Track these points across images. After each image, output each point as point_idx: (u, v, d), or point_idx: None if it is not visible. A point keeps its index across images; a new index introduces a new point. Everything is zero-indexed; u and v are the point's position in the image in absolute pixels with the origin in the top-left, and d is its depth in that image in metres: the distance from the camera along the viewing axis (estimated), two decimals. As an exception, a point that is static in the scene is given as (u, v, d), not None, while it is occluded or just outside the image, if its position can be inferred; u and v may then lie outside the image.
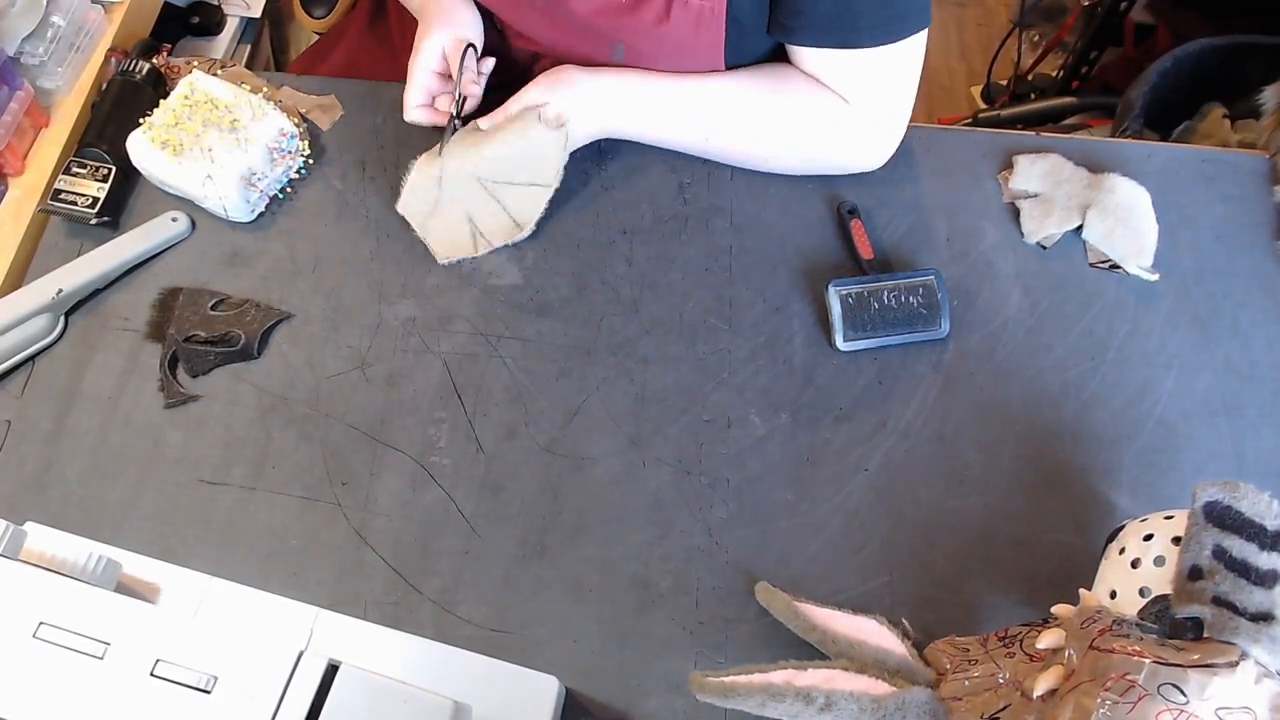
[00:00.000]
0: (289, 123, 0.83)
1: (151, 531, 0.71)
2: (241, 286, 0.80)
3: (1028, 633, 0.55)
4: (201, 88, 0.82)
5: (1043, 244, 0.83)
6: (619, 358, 0.77)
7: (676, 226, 0.83)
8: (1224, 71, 1.29)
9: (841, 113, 0.78)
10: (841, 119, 0.78)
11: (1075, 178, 0.84)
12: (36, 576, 0.54)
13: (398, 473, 0.73)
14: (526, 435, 0.74)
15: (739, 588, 0.69)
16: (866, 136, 0.80)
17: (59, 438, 0.74)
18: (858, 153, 0.82)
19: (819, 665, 0.58)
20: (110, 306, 0.80)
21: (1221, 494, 0.50)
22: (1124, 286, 0.81)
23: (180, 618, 0.52)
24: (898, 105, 0.78)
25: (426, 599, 0.68)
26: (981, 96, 1.86)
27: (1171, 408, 0.76)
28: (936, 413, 0.75)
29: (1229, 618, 0.45)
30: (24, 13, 0.83)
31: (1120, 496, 0.72)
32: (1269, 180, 0.86)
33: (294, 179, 0.85)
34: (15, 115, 0.82)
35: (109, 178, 0.81)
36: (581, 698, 0.65)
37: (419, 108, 0.80)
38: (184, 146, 0.79)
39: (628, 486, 0.72)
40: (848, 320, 0.76)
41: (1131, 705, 0.43)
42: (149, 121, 0.81)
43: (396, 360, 0.77)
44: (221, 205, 0.80)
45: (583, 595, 0.69)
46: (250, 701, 0.50)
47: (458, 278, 0.81)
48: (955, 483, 0.73)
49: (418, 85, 0.79)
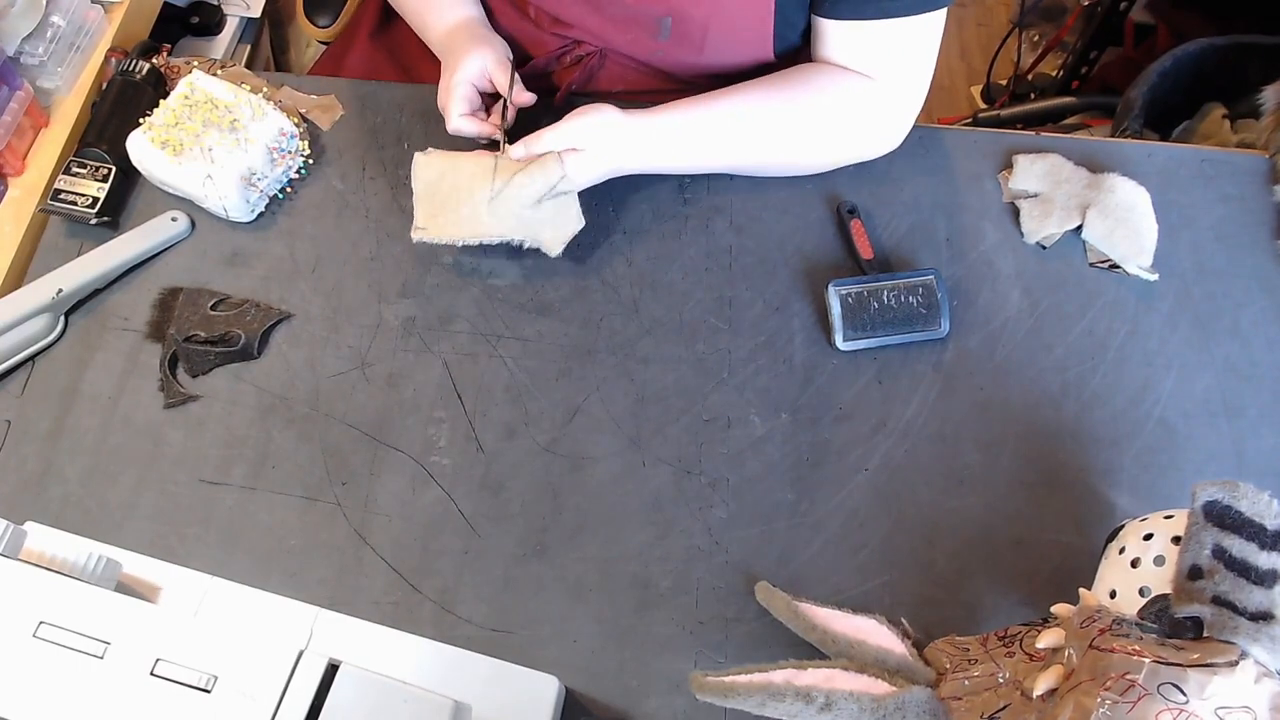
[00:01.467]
0: (289, 123, 0.83)
1: (151, 531, 0.71)
2: (241, 286, 0.80)
3: (1028, 632, 0.55)
4: (201, 88, 0.82)
5: (1043, 244, 0.83)
6: (619, 358, 0.77)
7: (676, 226, 0.83)
8: (1224, 71, 1.29)
9: (866, 92, 0.78)
10: (866, 99, 0.79)
11: (1075, 178, 0.84)
12: (36, 576, 0.54)
13: (398, 473, 0.73)
14: (526, 435, 0.74)
15: (739, 588, 0.69)
16: (891, 113, 0.80)
17: (59, 438, 0.74)
18: (883, 132, 0.82)
19: (819, 665, 0.58)
20: (110, 306, 0.80)
21: (1221, 494, 0.50)
22: (1124, 286, 0.81)
23: (180, 617, 0.52)
24: (922, 79, 0.79)
25: (426, 599, 0.68)
26: (981, 96, 1.86)
27: (1171, 408, 0.76)
28: (936, 413, 0.75)
29: (1229, 617, 0.45)
30: (24, 13, 0.83)
31: (1120, 496, 0.72)
32: (1269, 180, 0.86)
33: (294, 179, 0.85)
34: (15, 115, 0.82)
35: (109, 178, 0.81)
36: (581, 698, 0.65)
37: (464, 117, 0.79)
38: (184, 146, 0.79)
39: (628, 486, 0.72)
40: (848, 320, 0.76)
41: (1131, 705, 0.43)
42: (149, 121, 0.81)
43: (396, 360, 0.77)
44: (221, 205, 0.80)
45: (583, 595, 0.69)
46: (250, 701, 0.50)
47: (458, 277, 0.81)
48: (955, 483, 0.73)
49: (460, 96, 0.79)
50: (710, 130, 0.79)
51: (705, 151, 0.80)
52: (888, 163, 0.84)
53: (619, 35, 0.83)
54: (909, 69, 0.78)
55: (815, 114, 0.79)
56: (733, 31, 0.80)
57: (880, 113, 0.80)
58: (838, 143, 0.82)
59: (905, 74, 0.78)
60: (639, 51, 0.84)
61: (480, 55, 0.80)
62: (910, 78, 0.78)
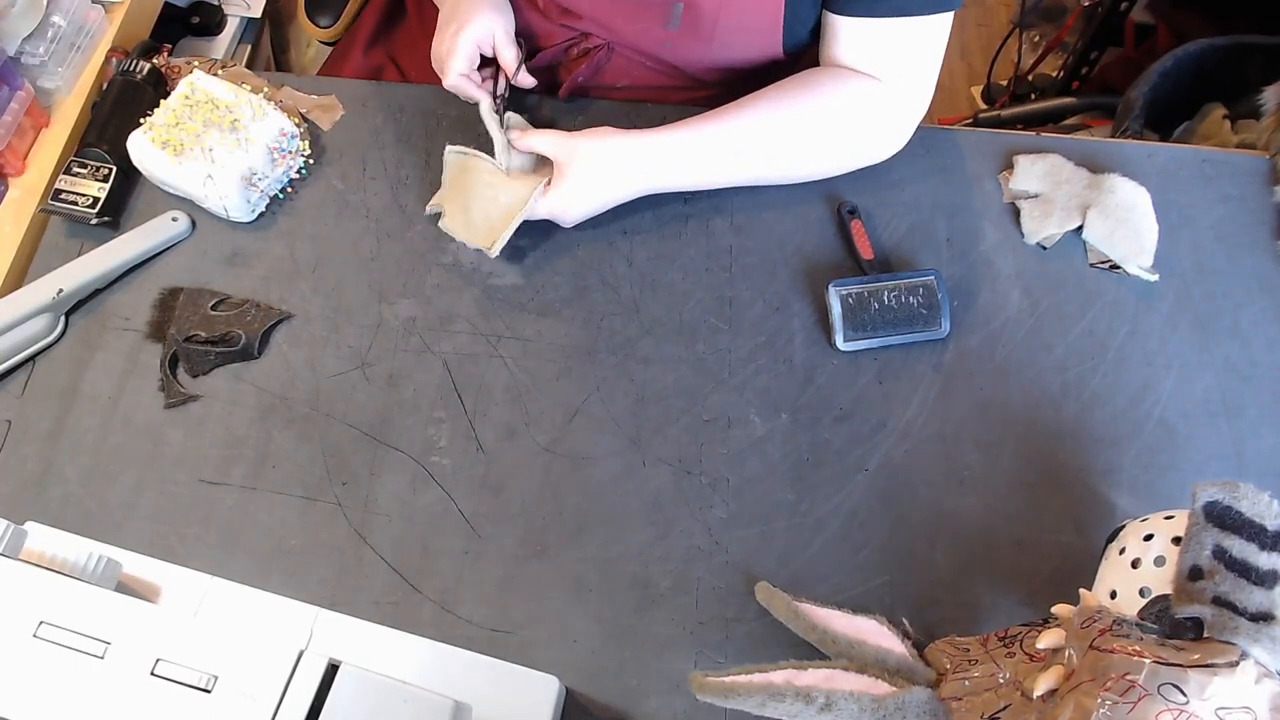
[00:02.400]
0: (289, 123, 0.83)
1: (151, 531, 0.71)
2: (242, 286, 0.80)
3: (1028, 633, 0.55)
4: (202, 88, 0.82)
5: (1043, 244, 0.83)
6: (619, 358, 0.77)
7: (676, 226, 0.83)
8: (1224, 71, 1.29)
9: (873, 95, 0.78)
10: (874, 101, 0.78)
11: (1075, 178, 0.84)
12: (36, 576, 0.54)
13: (398, 473, 0.73)
14: (526, 435, 0.74)
15: (739, 588, 0.69)
16: (897, 115, 0.80)
17: (59, 438, 0.74)
18: (889, 135, 0.81)
19: (819, 665, 0.58)
20: (110, 306, 0.80)
21: (1221, 494, 0.49)
22: (1124, 286, 0.81)
23: (180, 617, 0.52)
24: (929, 80, 0.79)
25: (426, 599, 0.68)
26: (981, 96, 1.86)
27: (1171, 408, 0.76)
28: (936, 413, 0.75)
29: (1229, 618, 0.45)
30: (24, 13, 0.83)
31: (1120, 496, 0.72)
32: (1269, 180, 0.86)
33: (294, 179, 0.85)
34: (15, 115, 0.82)
35: (109, 178, 0.81)
36: (581, 698, 0.65)
37: (462, 75, 0.80)
38: (184, 146, 0.79)
39: (628, 486, 0.72)
40: (848, 320, 0.76)
41: (1131, 705, 0.43)
42: (149, 121, 0.81)
43: (396, 360, 0.77)
44: (222, 205, 0.80)
45: (583, 595, 0.69)
46: (250, 701, 0.50)
47: (458, 277, 0.81)
48: (955, 483, 0.73)
49: (464, 54, 0.79)
50: (718, 147, 0.78)
51: (714, 168, 0.79)
52: (888, 163, 0.83)
53: (628, 25, 0.82)
54: (917, 70, 0.78)
55: (823, 122, 0.78)
56: (743, 23, 0.79)
57: (887, 115, 0.80)
58: (846, 149, 0.81)
59: (913, 75, 0.78)
60: (647, 43, 0.84)
61: (491, 20, 0.79)
62: (917, 79, 0.78)
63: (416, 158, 0.86)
